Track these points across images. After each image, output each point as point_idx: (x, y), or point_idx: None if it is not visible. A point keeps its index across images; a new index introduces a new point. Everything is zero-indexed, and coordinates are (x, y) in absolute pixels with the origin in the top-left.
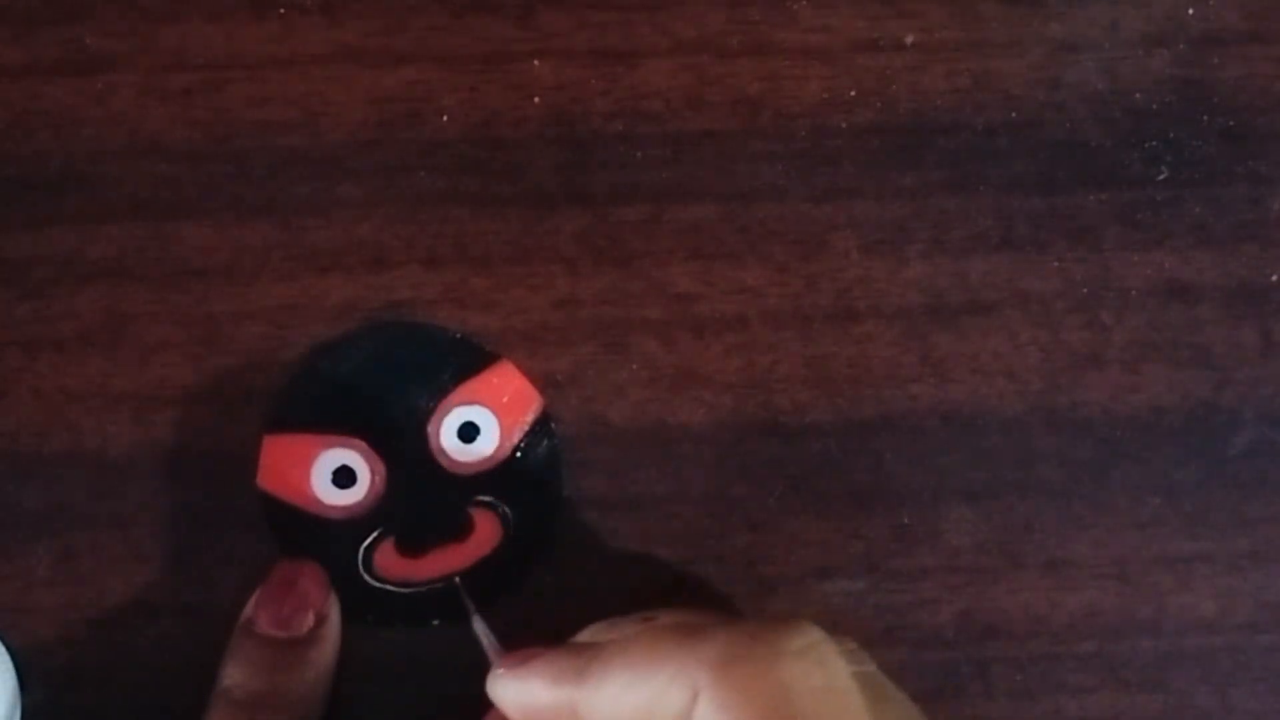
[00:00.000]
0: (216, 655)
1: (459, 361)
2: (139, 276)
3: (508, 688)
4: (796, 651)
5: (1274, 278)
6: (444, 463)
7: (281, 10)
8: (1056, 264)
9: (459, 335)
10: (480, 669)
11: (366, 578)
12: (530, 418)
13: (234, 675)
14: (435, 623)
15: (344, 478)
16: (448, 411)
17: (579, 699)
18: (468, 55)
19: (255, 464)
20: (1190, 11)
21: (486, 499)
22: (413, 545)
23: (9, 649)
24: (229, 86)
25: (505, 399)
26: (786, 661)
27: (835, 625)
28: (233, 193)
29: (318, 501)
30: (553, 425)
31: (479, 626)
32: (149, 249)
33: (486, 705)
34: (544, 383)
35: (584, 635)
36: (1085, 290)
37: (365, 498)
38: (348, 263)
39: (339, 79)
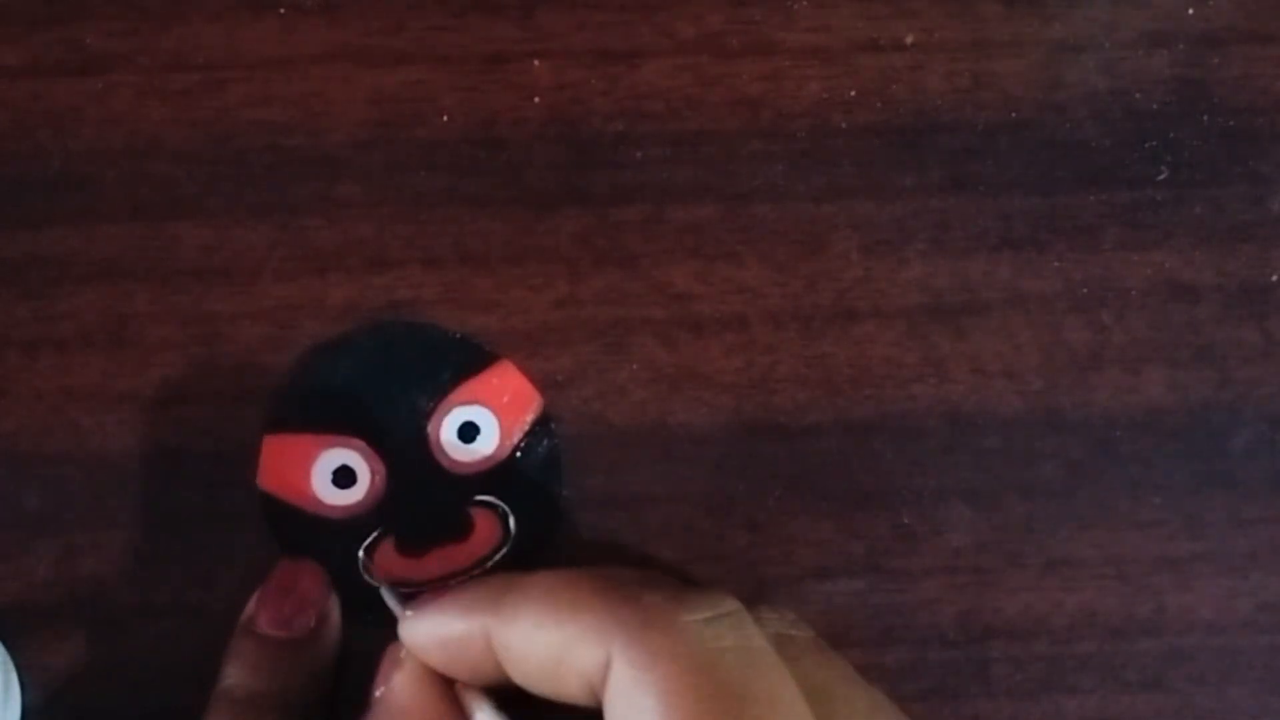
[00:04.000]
0: (216, 655)
1: (459, 361)
2: (139, 276)
3: (419, 624)
4: (711, 617)
5: (1274, 278)
6: (444, 463)
7: (281, 10)
8: (1056, 264)
9: (459, 335)
10: None
11: (366, 578)
12: (530, 418)
13: (235, 675)
14: None
15: (344, 477)
16: (448, 411)
17: (492, 626)
18: (468, 55)
19: (255, 464)
20: (1190, 11)
21: (486, 499)
22: (413, 545)
23: (9, 649)
24: (229, 86)
25: (505, 399)
26: (698, 627)
27: (835, 625)
28: (233, 193)
29: (317, 501)
30: (553, 425)
31: (387, 595)
32: (149, 249)
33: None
34: (544, 383)
35: None
36: (1085, 290)
37: (365, 497)
38: (348, 263)
39: (339, 79)
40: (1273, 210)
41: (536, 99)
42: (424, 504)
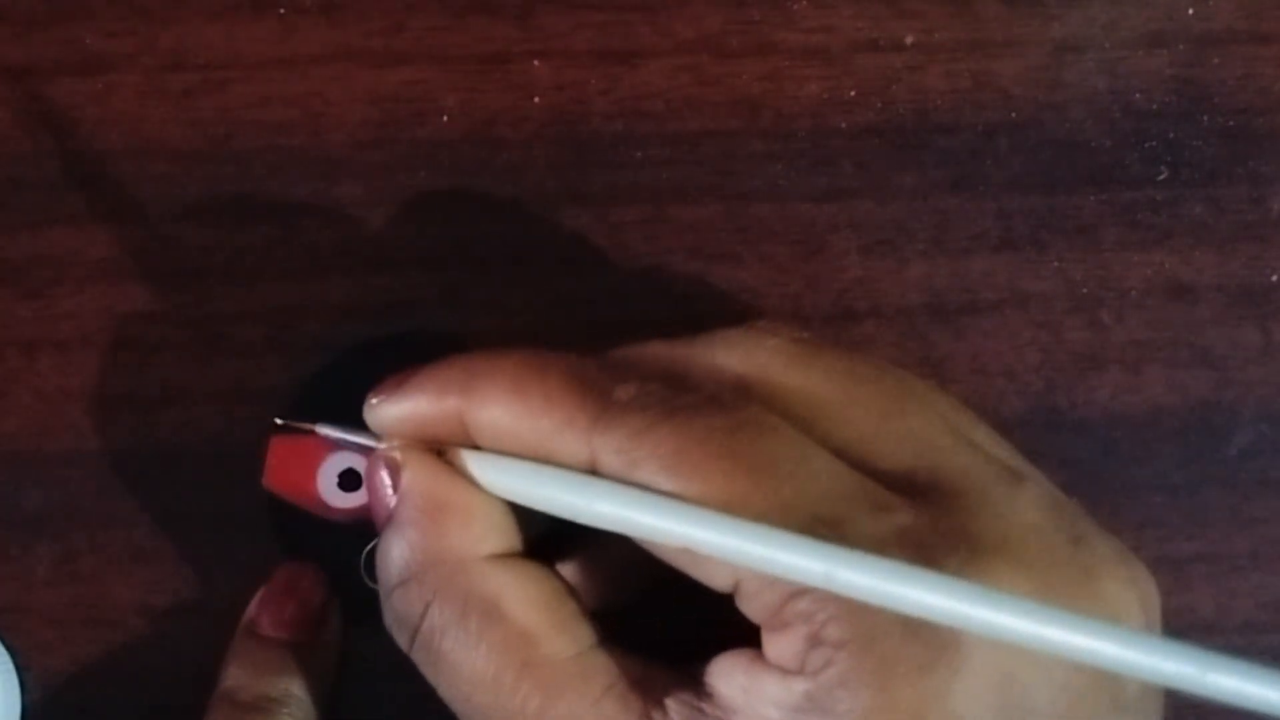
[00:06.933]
0: (216, 655)
1: None
2: (139, 276)
3: (390, 408)
4: (696, 401)
5: (1274, 278)
6: None
7: (281, 10)
8: (1056, 264)
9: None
10: None
11: (368, 581)
12: None
13: (235, 677)
14: None
15: (350, 481)
16: None
17: (465, 410)
18: (468, 55)
19: (256, 464)
20: (1190, 11)
21: None
22: None
23: (9, 649)
24: (229, 86)
25: None
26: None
27: None
28: (233, 193)
29: (322, 504)
30: None
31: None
32: (149, 249)
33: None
34: None
35: None
36: (1085, 290)
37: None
38: (348, 263)
39: (339, 79)
40: (1273, 210)
41: (536, 99)
42: None
